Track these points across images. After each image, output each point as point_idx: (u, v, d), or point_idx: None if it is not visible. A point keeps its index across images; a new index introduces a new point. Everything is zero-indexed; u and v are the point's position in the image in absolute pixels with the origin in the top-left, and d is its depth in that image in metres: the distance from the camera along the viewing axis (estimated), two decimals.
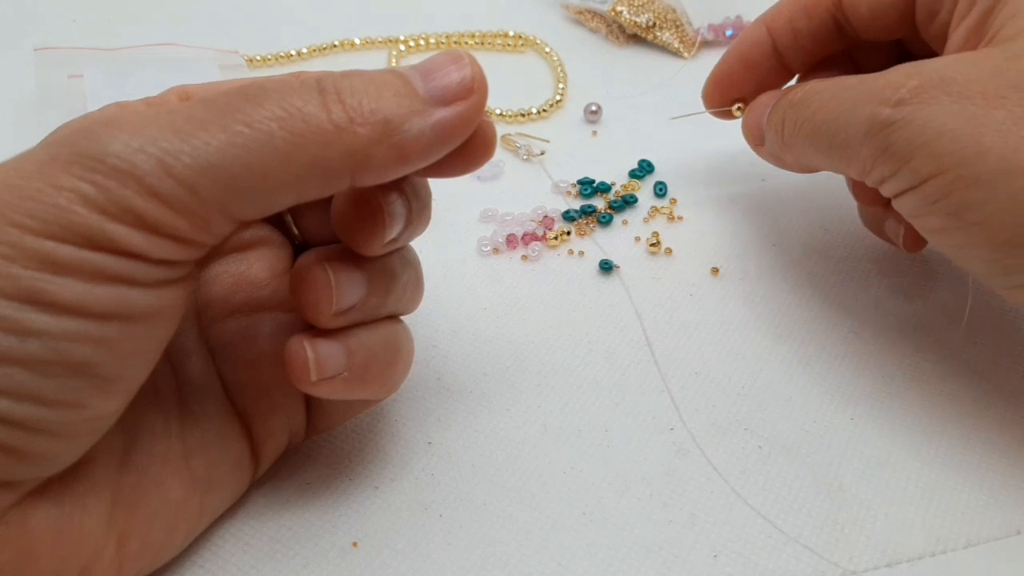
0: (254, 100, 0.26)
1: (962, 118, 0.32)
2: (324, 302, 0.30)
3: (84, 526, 0.28)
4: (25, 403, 0.24)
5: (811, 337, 0.41)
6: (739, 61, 0.45)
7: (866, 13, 0.40)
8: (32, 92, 0.53)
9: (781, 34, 0.43)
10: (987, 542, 0.34)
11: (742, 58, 0.45)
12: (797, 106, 0.39)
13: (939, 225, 0.34)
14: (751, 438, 0.37)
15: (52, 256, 0.24)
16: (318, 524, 0.34)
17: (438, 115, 0.28)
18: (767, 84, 0.44)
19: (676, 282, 0.44)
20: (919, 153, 0.33)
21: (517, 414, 0.38)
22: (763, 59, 0.44)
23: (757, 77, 0.44)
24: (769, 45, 0.44)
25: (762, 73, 0.44)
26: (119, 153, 0.24)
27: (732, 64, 0.45)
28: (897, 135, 0.33)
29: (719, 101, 0.46)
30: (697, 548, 0.34)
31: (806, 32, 0.42)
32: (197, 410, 0.32)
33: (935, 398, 0.38)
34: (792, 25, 0.43)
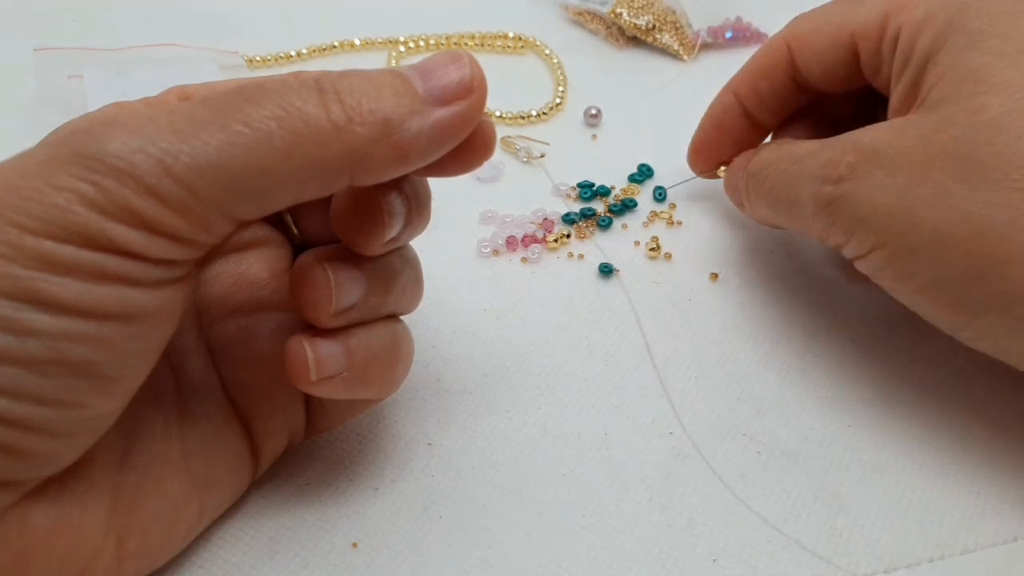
0: (253, 100, 0.26)
1: (894, 193, 0.34)
2: (324, 301, 0.30)
3: (83, 526, 0.27)
4: (24, 403, 0.24)
5: (809, 344, 0.41)
6: (713, 127, 0.46)
7: (819, 73, 0.41)
8: (32, 92, 0.53)
9: (747, 97, 0.45)
10: (984, 548, 0.34)
11: (716, 123, 0.46)
12: (755, 176, 0.41)
13: (890, 287, 0.36)
14: (750, 443, 0.37)
15: (51, 256, 0.24)
16: (318, 525, 0.34)
17: (437, 115, 0.28)
18: (744, 143, 0.46)
19: (675, 287, 0.44)
20: (860, 228, 0.35)
21: (517, 416, 0.38)
22: (735, 122, 0.46)
23: (733, 139, 0.46)
24: (739, 108, 0.45)
25: (737, 134, 0.46)
26: (118, 153, 0.24)
27: (708, 130, 0.47)
28: (839, 211, 0.35)
29: (703, 166, 0.48)
30: (696, 552, 0.34)
31: (769, 94, 0.44)
32: (197, 410, 0.32)
33: (932, 406, 0.38)
34: (755, 88, 0.44)
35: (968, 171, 0.32)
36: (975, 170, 0.32)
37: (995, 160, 0.32)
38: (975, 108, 0.33)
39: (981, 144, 0.32)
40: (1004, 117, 0.32)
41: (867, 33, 0.39)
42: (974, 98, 0.33)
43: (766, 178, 0.40)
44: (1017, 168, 0.32)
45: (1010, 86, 0.33)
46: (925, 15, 0.36)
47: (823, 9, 0.41)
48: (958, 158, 0.33)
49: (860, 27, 0.39)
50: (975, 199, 0.32)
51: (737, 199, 0.45)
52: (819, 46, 0.41)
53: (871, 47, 0.39)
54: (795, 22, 0.42)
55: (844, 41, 0.40)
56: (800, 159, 0.38)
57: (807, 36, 0.41)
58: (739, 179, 0.43)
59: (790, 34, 0.42)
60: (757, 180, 0.41)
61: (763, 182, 0.40)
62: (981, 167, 0.32)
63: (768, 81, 0.43)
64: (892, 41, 0.37)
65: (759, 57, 0.44)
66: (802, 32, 0.41)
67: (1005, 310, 0.32)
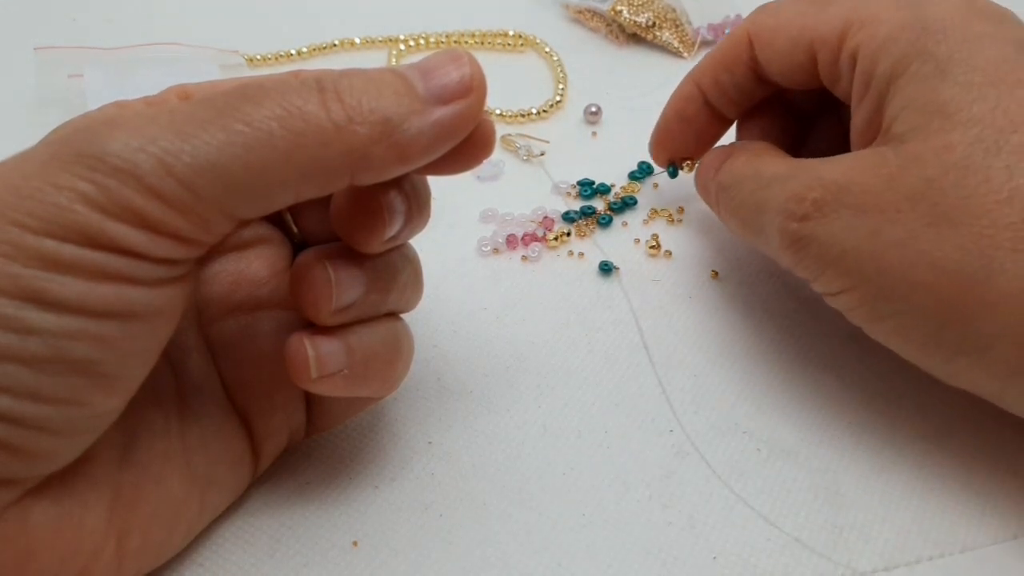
0: (254, 99, 0.26)
1: (862, 235, 0.33)
2: (324, 299, 0.30)
3: (84, 524, 0.28)
4: (25, 401, 0.24)
5: (810, 342, 0.41)
6: (675, 117, 0.45)
7: (779, 70, 0.40)
8: (32, 91, 0.53)
9: (709, 88, 0.44)
10: (984, 546, 0.34)
11: (678, 114, 0.45)
12: (725, 192, 0.40)
13: (862, 327, 0.35)
14: (750, 441, 0.37)
15: (53, 255, 0.24)
16: (318, 523, 0.34)
17: (437, 114, 0.28)
18: (707, 134, 0.45)
19: (676, 285, 0.44)
20: (828, 270, 0.34)
21: (517, 414, 0.38)
22: (697, 113, 0.44)
23: (695, 130, 0.45)
24: (700, 99, 0.44)
25: (699, 126, 0.45)
26: (119, 152, 0.24)
27: (669, 121, 0.46)
28: (805, 251, 0.35)
29: (665, 158, 0.47)
30: (696, 550, 0.34)
31: (731, 86, 0.43)
32: (197, 408, 0.32)
33: (933, 403, 0.38)
34: (717, 80, 0.43)
35: (937, 215, 0.32)
36: (944, 214, 0.31)
37: (964, 204, 0.31)
38: (943, 147, 0.32)
39: (949, 187, 0.32)
40: (972, 157, 0.32)
41: (826, 43, 0.37)
42: (942, 135, 0.32)
43: (734, 196, 0.39)
44: (987, 212, 0.31)
45: (978, 122, 0.32)
46: (887, 36, 0.35)
47: (786, 4, 0.40)
48: (926, 200, 0.32)
49: (819, 36, 0.37)
50: (945, 244, 0.31)
51: (709, 201, 0.44)
52: (779, 46, 0.39)
53: (829, 58, 0.37)
54: (758, 14, 0.41)
55: (803, 46, 0.38)
56: (767, 183, 0.37)
57: (767, 34, 0.40)
58: (709, 182, 0.42)
59: (752, 27, 0.40)
60: (726, 196, 0.40)
61: (731, 200, 0.40)
62: (950, 211, 0.31)
63: (730, 73, 0.42)
64: (850, 58, 0.36)
65: (722, 48, 0.43)
66: (763, 28, 0.40)
67: (979, 354, 0.32)
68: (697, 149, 0.46)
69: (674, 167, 0.47)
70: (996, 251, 0.31)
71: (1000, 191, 0.31)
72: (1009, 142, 0.32)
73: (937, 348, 0.33)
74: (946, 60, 0.33)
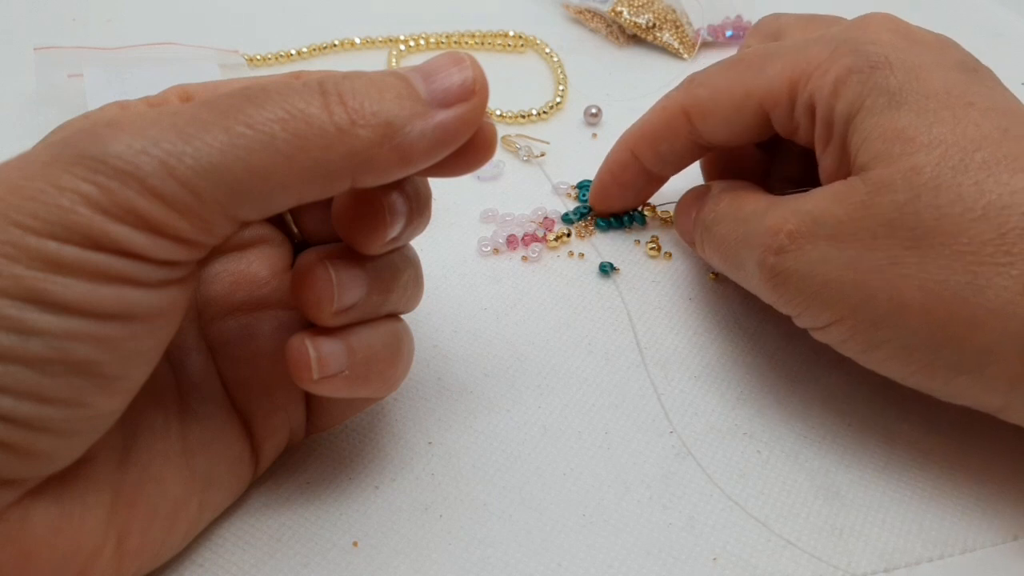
0: (256, 101, 0.26)
1: (842, 264, 0.33)
2: (326, 300, 0.30)
3: (84, 524, 0.27)
4: (27, 401, 0.24)
5: (810, 343, 0.41)
6: (612, 182, 0.46)
7: (725, 136, 0.40)
8: (32, 91, 0.53)
9: (646, 157, 0.44)
10: (984, 548, 0.34)
11: (614, 179, 0.45)
12: (707, 230, 0.40)
13: (855, 358, 0.35)
14: (750, 443, 0.37)
15: (55, 256, 0.24)
16: (318, 523, 0.34)
17: (439, 117, 0.28)
18: (644, 193, 0.46)
19: (675, 286, 0.44)
20: (812, 303, 0.34)
21: (517, 415, 0.38)
22: (634, 177, 0.45)
23: (632, 191, 0.46)
24: (636, 164, 0.44)
25: (637, 187, 0.45)
26: (122, 154, 0.24)
27: (607, 184, 0.46)
28: (785, 285, 0.35)
29: (607, 210, 0.47)
30: (696, 551, 0.34)
31: (670, 153, 0.43)
32: (197, 408, 0.32)
33: (932, 405, 0.38)
34: (655, 149, 0.43)
35: (915, 237, 0.32)
36: (922, 236, 0.32)
37: (940, 224, 0.31)
38: (909, 169, 0.32)
39: (922, 208, 0.32)
40: (941, 177, 0.32)
41: (777, 101, 0.37)
42: (906, 158, 0.32)
43: (715, 235, 0.39)
44: (964, 231, 0.31)
45: (940, 143, 0.32)
46: (836, 79, 0.35)
47: (717, 75, 0.40)
48: (903, 225, 0.32)
49: (767, 96, 0.38)
50: (928, 266, 0.31)
51: (688, 239, 0.43)
52: (722, 113, 0.39)
53: (783, 113, 0.38)
54: (689, 88, 0.41)
55: (751, 109, 0.38)
56: (746, 220, 0.37)
57: (706, 105, 0.40)
58: (687, 221, 0.42)
59: (687, 102, 0.41)
60: (709, 235, 0.40)
61: (712, 238, 0.39)
62: (927, 232, 0.32)
63: (668, 143, 0.42)
64: (807, 108, 0.36)
65: (654, 122, 0.42)
66: (700, 101, 0.40)
67: (978, 371, 0.32)
68: (636, 203, 0.47)
69: (618, 220, 0.47)
70: (980, 267, 0.31)
71: (974, 209, 0.31)
72: (974, 160, 0.32)
73: (935, 370, 0.33)
74: (898, 91, 0.34)
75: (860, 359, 0.35)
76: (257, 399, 0.33)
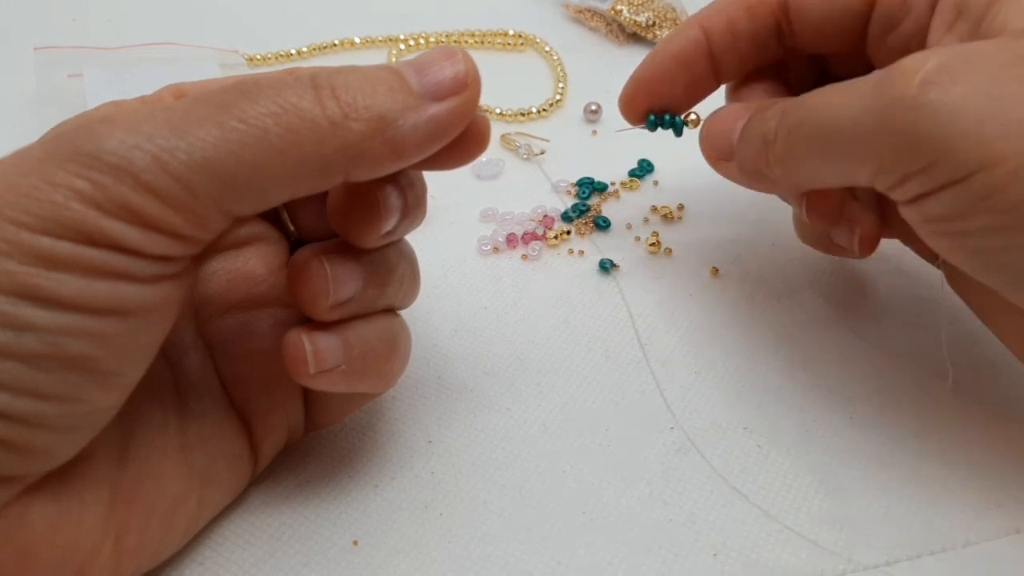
0: (249, 96, 0.26)
1: (1006, 100, 0.28)
2: (321, 294, 0.30)
3: (83, 521, 0.28)
4: (22, 397, 0.24)
5: (811, 337, 0.41)
6: (671, 60, 0.40)
7: (814, 19, 0.37)
8: (32, 91, 0.53)
9: (718, 35, 0.39)
10: (987, 541, 0.34)
11: (675, 57, 0.40)
12: (792, 111, 0.34)
13: (988, 225, 0.29)
14: (751, 437, 0.37)
15: (49, 252, 0.24)
16: (318, 522, 0.34)
17: (432, 110, 0.28)
18: (695, 89, 0.41)
19: (676, 282, 0.44)
20: (962, 141, 0.28)
21: (517, 413, 0.38)
22: (695, 62, 0.40)
23: (687, 80, 0.41)
24: (704, 46, 0.40)
25: (693, 76, 0.40)
26: (115, 150, 0.24)
27: (663, 64, 0.41)
28: (931, 120, 0.28)
29: (642, 108, 0.42)
30: (697, 547, 0.34)
31: (746, 34, 0.39)
32: (195, 406, 0.32)
33: (934, 398, 0.38)
34: (732, 26, 0.39)
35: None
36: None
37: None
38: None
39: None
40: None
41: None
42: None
43: (808, 104, 0.33)
44: None
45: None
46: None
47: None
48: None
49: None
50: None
51: (721, 151, 0.38)
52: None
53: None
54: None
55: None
56: (855, 82, 0.31)
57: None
58: (733, 127, 0.37)
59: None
60: (792, 113, 0.34)
61: (803, 109, 0.33)
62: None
63: (750, 19, 0.39)
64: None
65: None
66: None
67: None
68: (678, 103, 0.41)
69: (655, 120, 0.41)
70: None
71: None
72: None
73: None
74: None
75: (989, 230, 0.29)
76: (255, 396, 0.33)
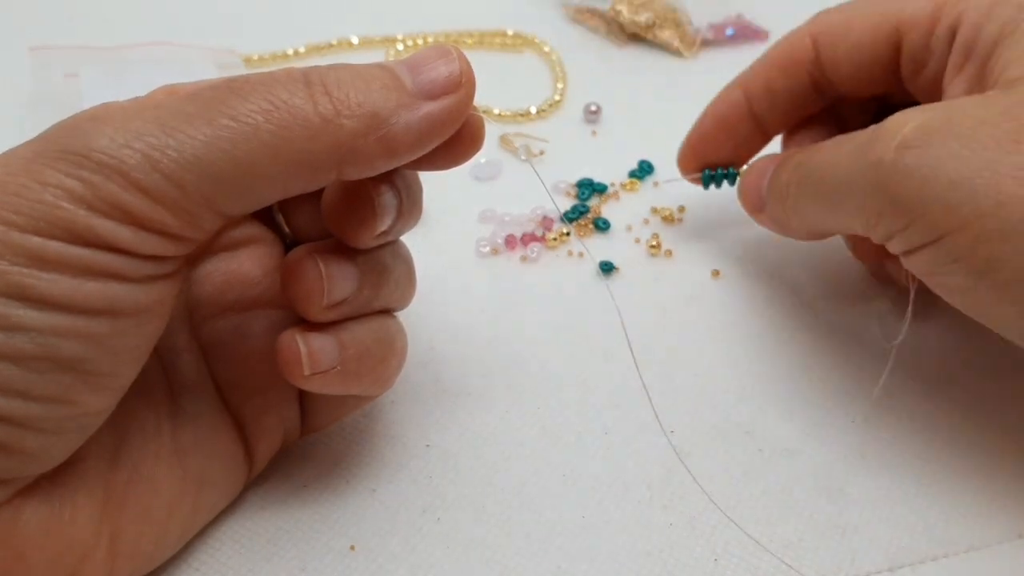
0: (240, 93, 0.26)
1: (975, 164, 0.29)
2: (316, 294, 0.30)
3: (75, 524, 0.27)
4: (13, 399, 0.24)
5: (812, 340, 0.41)
6: (716, 124, 0.43)
7: (848, 70, 0.39)
8: (28, 91, 0.53)
9: (758, 96, 0.41)
10: (989, 546, 0.34)
11: (719, 121, 0.43)
12: (800, 167, 0.37)
13: (961, 284, 0.31)
14: (752, 441, 0.37)
15: (39, 251, 0.24)
16: (315, 526, 0.34)
17: (425, 109, 0.28)
18: (744, 148, 0.43)
19: (676, 284, 0.44)
20: (932, 205, 0.30)
21: (516, 416, 0.38)
22: (740, 122, 0.42)
23: (735, 141, 0.43)
24: (745, 107, 0.42)
25: (739, 136, 0.43)
26: (105, 148, 0.24)
27: (709, 128, 0.43)
28: (904, 185, 0.30)
29: (694, 165, 0.44)
30: (698, 552, 0.33)
31: (783, 93, 0.41)
32: (189, 409, 0.32)
33: (936, 401, 0.38)
34: (769, 86, 0.41)
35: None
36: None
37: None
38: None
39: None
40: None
41: (916, 24, 0.36)
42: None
43: (812, 160, 0.36)
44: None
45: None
46: (993, 1, 0.34)
47: (856, 3, 0.39)
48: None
49: (908, 18, 0.36)
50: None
51: (754, 204, 0.41)
52: (853, 39, 0.38)
53: (919, 40, 0.36)
54: (822, 16, 0.40)
55: (885, 33, 0.37)
56: (852, 138, 0.34)
57: (838, 29, 0.38)
58: (763, 177, 0.40)
59: (816, 28, 0.39)
60: (802, 169, 0.37)
61: (808, 166, 0.36)
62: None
63: (786, 78, 0.40)
64: (948, 31, 0.35)
65: (777, 52, 0.41)
66: (832, 25, 0.39)
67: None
68: (730, 160, 0.44)
69: (710, 174, 0.44)
70: None
71: None
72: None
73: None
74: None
75: (965, 290, 0.31)
76: (250, 399, 0.33)
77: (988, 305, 0.31)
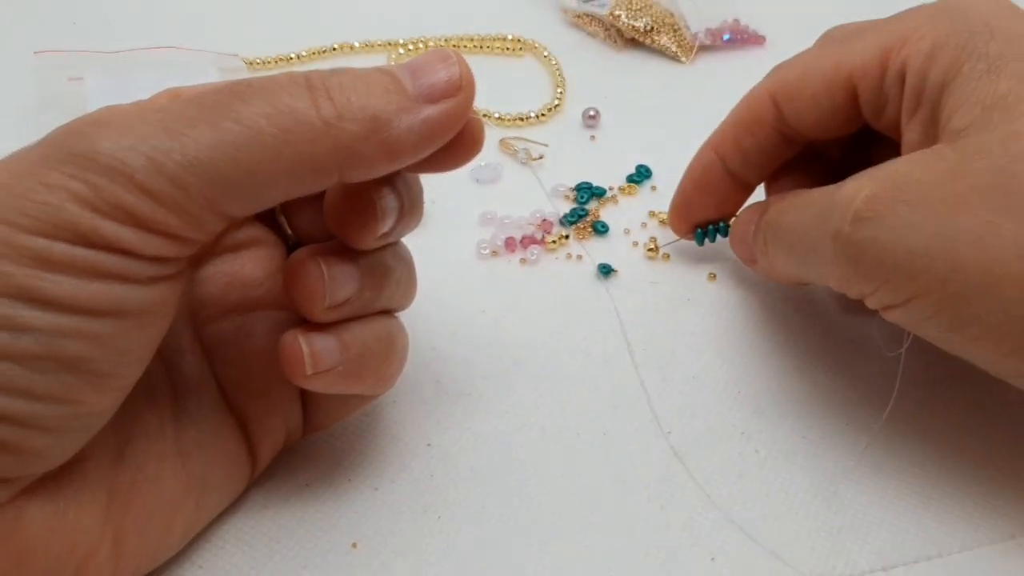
0: (243, 97, 0.26)
1: (928, 231, 0.30)
2: (318, 295, 0.30)
3: (79, 524, 0.28)
4: (18, 399, 0.24)
5: (807, 343, 0.41)
6: (696, 187, 0.43)
7: (811, 120, 0.39)
8: (32, 95, 0.53)
9: (730, 155, 0.42)
10: (983, 546, 0.34)
11: (696, 184, 0.43)
12: (770, 227, 0.38)
13: (938, 336, 0.32)
14: (748, 443, 0.37)
15: (44, 253, 0.24)
16: (317, 525, 0.34)
17: (426, 112, 0.28)
18: (729, 203, 0.44)
19: (674, 287, 0.44)
20: (893, 275, 0.31)
21: (516, 417, 0.38)
22: (718, 181, 0.43)
23: (717, 199, 0.43)
24: (720, 167, 0.42)
25: (721, 194, 0.43)
26: (110, 151, 0.25)
27: (690, 191, 0.44)
28: (864, 255, 0.32)
29: (685, 228, 0.45)
30: (695, 551, 0.34)
31: (754, 149, 0.41)
32: (192, 409, 0.32)
33: (931, 404, 0.38)
34: (738, 145, 0.41)
35: (1014, 203, 0.30)
36: (1022, 203, 0.30)
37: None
38: (1009, 136, 0.30)
39: (1022, 173, 0.30)
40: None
41: (866, 73, 0.36)
42: (1006, 125, 0.31)
43: (783, 225, 0.37)
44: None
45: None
46: (933, 45, 0.34)
47: (806, 55, 0.39)
48: (999, 190, 0.30)
49: (858, 67, 0.36)
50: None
51: (745, 253, 0.42)
52: (810, 92, 0.38)
53: (872, 86, 0.36)
54: (776, 72, 0.40)
55: (840, 84, 0.37)
56: (815, 201, 0.35)
57: (795, 83, 0.38)
58: (746, 235, 0.41)
59: (773, 86, 0.39)
60: (774, 229, 0.38)
61: (779, 229, 0.37)
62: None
63: (753, 136, 0.41)
64: (897, 77, 0.35)
65: (740, 113, 0.41)
66: (788, 81, 0.39)
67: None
68: (719, 216, 0.44)
69: (702, 232, 0.44)
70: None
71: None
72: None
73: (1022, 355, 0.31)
74: (997, 57, 0.32)
75: (943, 341, 0.32)
76: (253, 400, 0.33)
77: (969, 352, 0.32)
